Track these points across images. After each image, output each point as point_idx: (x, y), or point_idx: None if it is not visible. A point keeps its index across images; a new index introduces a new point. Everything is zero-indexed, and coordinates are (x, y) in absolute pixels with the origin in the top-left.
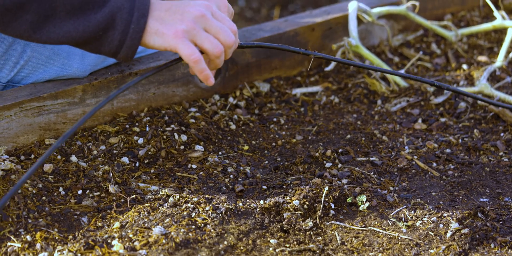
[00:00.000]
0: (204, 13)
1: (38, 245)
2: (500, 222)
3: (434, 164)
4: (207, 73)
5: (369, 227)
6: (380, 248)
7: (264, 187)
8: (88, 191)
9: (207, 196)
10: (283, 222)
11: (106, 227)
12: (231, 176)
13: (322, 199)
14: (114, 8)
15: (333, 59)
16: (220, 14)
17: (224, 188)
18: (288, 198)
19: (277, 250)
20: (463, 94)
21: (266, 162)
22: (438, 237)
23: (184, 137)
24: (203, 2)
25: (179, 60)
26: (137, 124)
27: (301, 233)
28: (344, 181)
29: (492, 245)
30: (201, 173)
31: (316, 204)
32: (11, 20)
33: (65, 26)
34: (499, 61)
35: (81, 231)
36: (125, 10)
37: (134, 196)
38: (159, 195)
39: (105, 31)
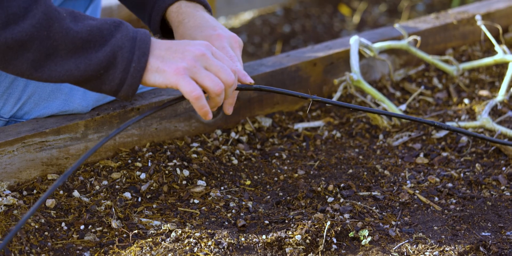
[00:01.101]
0: (205, 52)
1: None
2: None
3: (436, 199)
4: (206, 110)
5: None
6: None
7: (266, 222)
8: (90, 226)
9: (209, 231)
10: None
11: None
12: (233, 211)
13: (324, 233)
14: (115, 47)
15: (332, 103)
16: (220, 54)
17: (226, 223)
18: (290, 233)
19: None
20: (464, 133)
21: (268, 197)
22: None
23: (186, 172)
24: (203, 41)
25: (182, 98)
26: (139, 159)
27: None
28: (346, 215)
29: None
30: (203, 208)
31: (318, 239)
32: (13, 58)
33: (67, 64)
34: (501, 95)
35: None
36: (126, 49)
37: (136, 231)
38: (161, 230)
39: (106, 69)
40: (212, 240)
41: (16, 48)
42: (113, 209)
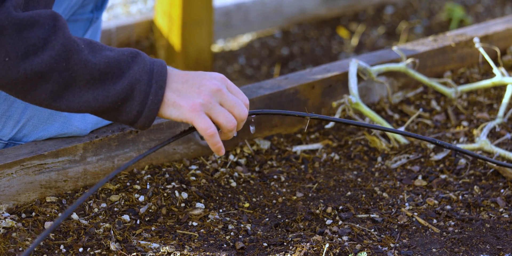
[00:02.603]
0: (220, 87)
1: None
2: None
3: (435, 221)
4: (220, 146)
5: None
6: None
7: (265, 244)
8: (89, 248)
9: (208, 253)
10: None
11: None
12: (232, 233)
13: None
14: (133, 80)
15: (330, 119)
16: (234, 88)
17: (225, 246)
18: (289, 255)
19: None
20: (464, 152)
21: (267, 219)
22: None
23: (184, 195)
24: (219, 75)
25: (192, 130)
26: (138, 181)
27: None
28: (345, 238)
29: None
30: (202, 230)
31: None
32: (31, 88)
33: (85, 95)
34: (499, 117)
35: None
36: (144, 82)
37: (135, 253)
38: (160, 253)
39: (124, 101)
40: None
41: (35, 79)
42: (112, 232)
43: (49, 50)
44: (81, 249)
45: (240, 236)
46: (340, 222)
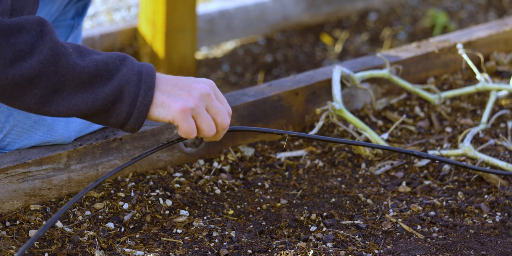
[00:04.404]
0: (210, 92)
1: None
2: None
3: (419, 227)
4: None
5: None
6: None
7: (250, 251)
8: None
9: None
10: None
11: None
12: (216, 240)
13: None
14: (122, 81)
15: (308, 137)
16: (220, 95)
17: (210, 253)
18: None
19: None
20: (444, 161)
21: (251, 226)
22: None
23: (169, 202)
24: (208, 80)
25: (181, 140)
26: (122, 189)
27: None
28: (329, 244)
29: None
30: (186, 237)
31: None
32: (20, 94)
33: (74, 99)
34: (482, 123)
35: None
36: (133, 83)
37: None
38: None
39: (113, 103)
40: None
41: (24, 84)
42: (96, 240)
43: (37, 55)
44: None
45: (224, 243)
46: (324, 229)
